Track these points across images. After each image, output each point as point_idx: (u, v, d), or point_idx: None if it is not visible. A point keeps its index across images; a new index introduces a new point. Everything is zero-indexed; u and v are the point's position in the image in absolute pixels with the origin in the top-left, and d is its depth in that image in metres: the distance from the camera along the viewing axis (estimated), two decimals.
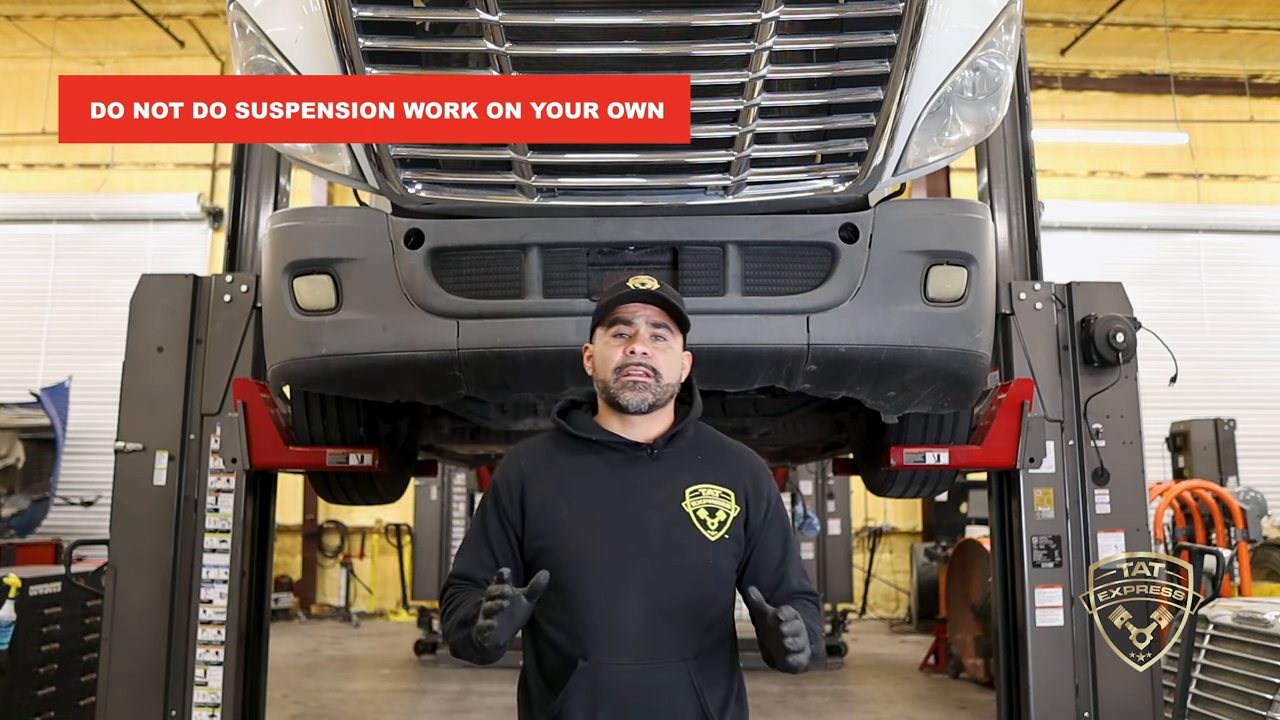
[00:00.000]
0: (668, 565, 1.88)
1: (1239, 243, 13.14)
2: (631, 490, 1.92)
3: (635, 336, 1.94)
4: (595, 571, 1.86)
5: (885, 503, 12.53)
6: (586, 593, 1.86)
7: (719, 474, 1.98)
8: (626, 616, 1.84)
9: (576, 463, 1.97)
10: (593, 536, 1.89)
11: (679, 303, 1.99)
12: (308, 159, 2.72)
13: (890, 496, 4.22)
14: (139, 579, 3.42)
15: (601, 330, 1.99)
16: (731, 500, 1.95)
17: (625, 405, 1.93)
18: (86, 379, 11.30)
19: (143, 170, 13.04)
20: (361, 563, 12.96)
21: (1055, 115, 12.62)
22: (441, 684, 8.04)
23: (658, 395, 1.94)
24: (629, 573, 1.86)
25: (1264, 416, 11.98)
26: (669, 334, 1.97)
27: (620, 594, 1.85)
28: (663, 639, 1.85)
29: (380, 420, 3.61)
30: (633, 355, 1.92)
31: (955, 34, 2.57)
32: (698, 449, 2.02)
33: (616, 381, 1.93)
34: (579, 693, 1.82)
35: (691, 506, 1.91)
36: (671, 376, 1.97)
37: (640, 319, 1.95)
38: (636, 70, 2.42)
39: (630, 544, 1.88)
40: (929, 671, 8.63)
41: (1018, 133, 3.95)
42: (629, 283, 1.96)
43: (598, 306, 2.01)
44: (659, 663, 1.84)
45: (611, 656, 1.83)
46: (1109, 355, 3.56)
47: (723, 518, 1.92)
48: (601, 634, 1.84)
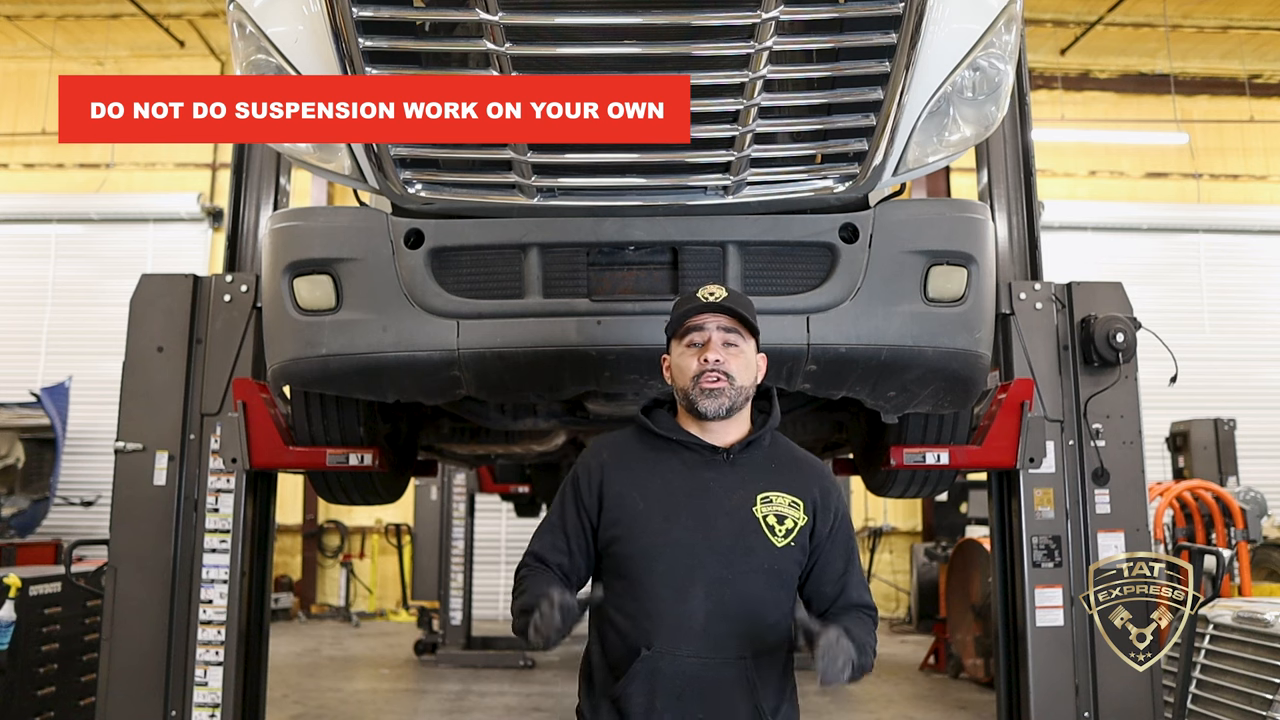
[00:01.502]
0: (734, 566, 1.95)
1: (1239, 243, 13.15)
2: (705, 491, 2.00)
3: (708, 345, 2.01)
4: (665, 565, 1.94)
5: (885, 503, 12.53)
6: (655, 585, 1.94)
7: (790, 483, 2.05)
8: (691, 611, 1.92)
9: (655, 460, 2.05)
10: (665, 531, 1.96)
11: (748, 310, 2.06)
12: (308, 159, 2.72)
13: (890, 496, 4.22)
14: (139, 579, 3.43)
15: (676, 342, 2.07)
16: (800, 510, 2.02)
17: (704, 412, 2.00)
18: (86, 379, 11.31)
19: (143, 170, 13.05)
20: (361, 563, 12.97)
21: (1055, 115, 12.62)
22: (441, 684, 8.04)
23: (734, 399, 2.01)
24: (696, 569, 1.94)
25: (1264, 416, 11.99)
26: (740, 339, 2.04)
27: (687, 589, 1.93)
28: (724, 636, 1.93)
29: (380, 420, 3.61)
30: (707, 363, 1.99)
31: (955, 34, 2.57)
32: (772, 458, 2.09)
33: (695, 389, 2.00)
34: (640, 679, 1.91)
35: (761, 512, 1.99)
36: (745, 379, 2.04)
37: (711, 326, 2.02)
38: (636, 70, 2.42)
39: (700, 542, 1.95)
40: (929, 671, 8.63)
41: (1018, 133, 3.95)
42: (698, 293, 2.05)
43: (670, 319, 2.09)
44: (719, 659, 1.92)
45: (674, 648, 1.91)
46: (1109, 355, 3.56)
47: (790, 526, 2.00)
48: (666, 625, 1.92)
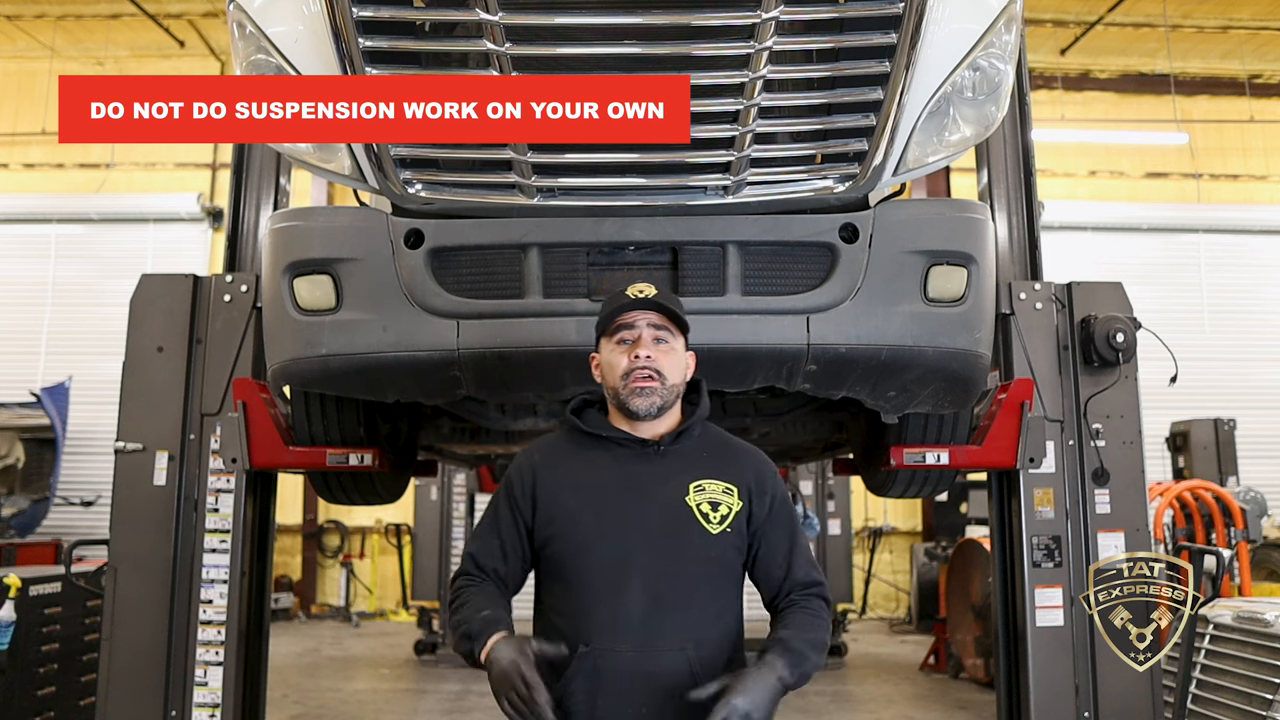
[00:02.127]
0: (669, 557, 1.94)
1: (1239, 243, 13.14)
2: (637, 485, 1.99)
3: (638, 342, 2.00)
4: (599, 561, 1.94)
5: (885, 503, 12.52)
6: (590, 582, 1.93)
7: (723, 470, 2.04)
8: (628, 605, 1.92)
9: (587, 458, 2.05)
10: (598, 528, 1.96)
11: (677, 307, 2.06)
12: (308, 159, 2.72)
13: (890, 496, 4.22)
14: (139, 579, 3.42)
15: (605, 339, 2.06)
16: (734, 495, 2.01)
17: (635, 411, 2.00)
18: (86, 379, 11.30)
19: (143, 170, 13.04)
20: (361, 563, 12.96)
21: (1055, 115, 12.62)
22: (441, 684, 8.04)
23: (664, 398, 2.01)
24: (631, 563, 1.93)
25: (1264, 416, 11.99)
26: (670, 336, 2.04)
27: (623, 583, 1.92)
28: (663, 627, 1.92)
29: (380, 420, 3.61)
30: (637, 360, 1.98)
31: (955, 34, 2.57)
32: (704, 446, 2.09)
33: (625, 388, 2.00)
34: (581, 678, 1.90)
35: (694, 501, 1.98)
36: (676, 377, 2.04)
37: (641, 324, 2.01)
38: (636, 70, 2.42)
39: (634, 536, 1.95)
40: (929, 671, 8.63)
41: (1018, 133, 3.95)
42: (628, 291, 2.03)
43: (600, 317, 2.07)
44: (659, 650, 1.91)
45: (613, 644, 1.90)
46: (1109, 355, 3.56)
47: (725, 512, 1.99)
48: (604, 622, 1.91)
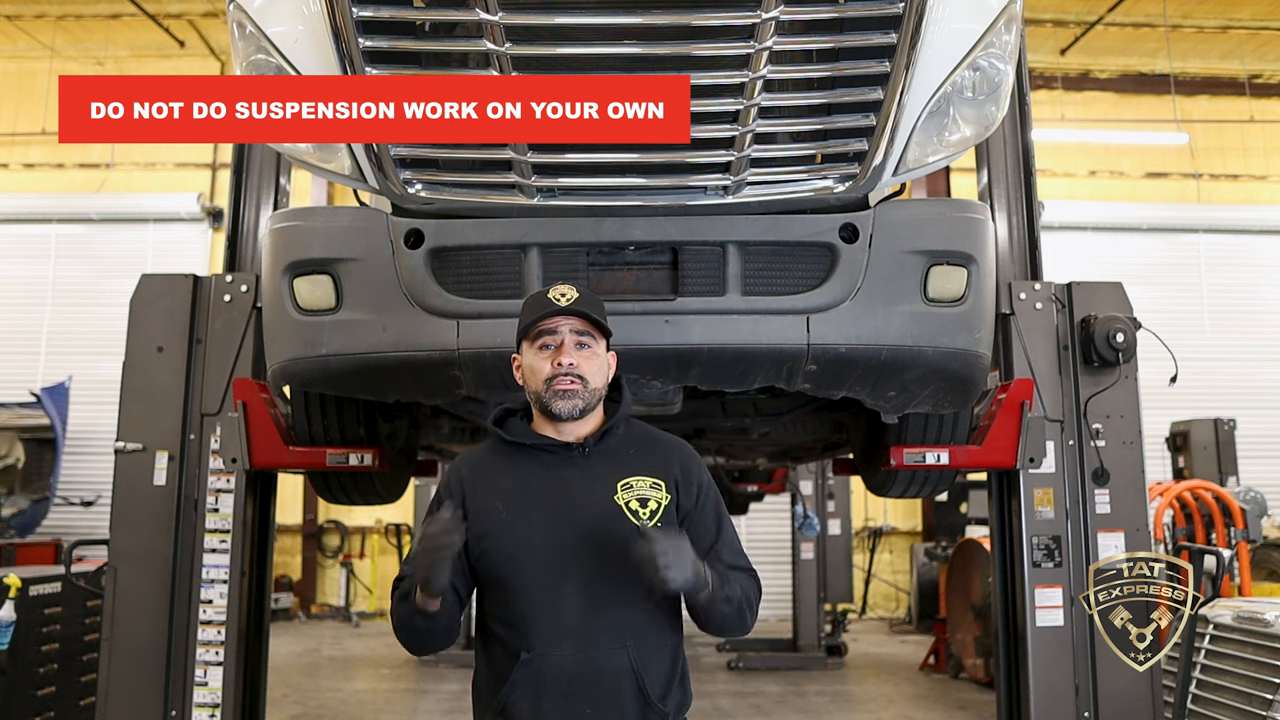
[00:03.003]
0: (602, 557, 1.95)
1: (1239, 243, 13.15)
2: (566, 489, 2.00)
3: (560, 348, 2.00)
4: (533, 568, 1.95)
5: (885, 503, 12.53)
6: (526, 588, 1.95)
7: (649, 466, 2.05)
8: (565, 609, 1.93)
9: (513, 467, 2.05)
10: (529, 535, 1.97)
11: (599, 313, 2.05)
12: (308, 159, 2.72)
13: (890, 496, 4.22)
14: (139, 579, 3.43)
15: (528, 344, 2.05)
16: (662, 489, 2.03)
17: (558, 414, 2.00)
18: (86, 379, 11.31)
19: (143, 170, 13.05)
20: (361, 563, 12.97)
21: (1055, 115, 12.62)
22: (441, 684, 8.04)
23: (587, 401, 2.01)
24: (566, 567, 1.94)
25: (1264, 416, 12.00)
26: (592, 340, 2.03)
27: (558, 588, 1.94)
28: (601, 627, 1.93)
29: (380, 420, 3.61)
30: (560, 366, 1.99)
31: (955, 34, 2.57)
32: (629, 444, 2.10)
33: (548, 392, 2.00)
34: (523, 684, 1.91)
35: (623, 499, 1.99)
36: (598, 381, 2.04)
37: (564, 329, 2.01)
38: (636, 70, 2.42)
39: (566, 539, 1.96)
40: (929, 671, 8.63)
41: (1018, 133, 3.95)
42: (549, 294, 2.03)
43: (521, 322, 2.06)
44: (599, 651, 1.92)
45: (553, 648, 1.92)
46: (1109, 355, 3.56)
47: (654, 506, 2.00)
48: (542, 627, 1.93)
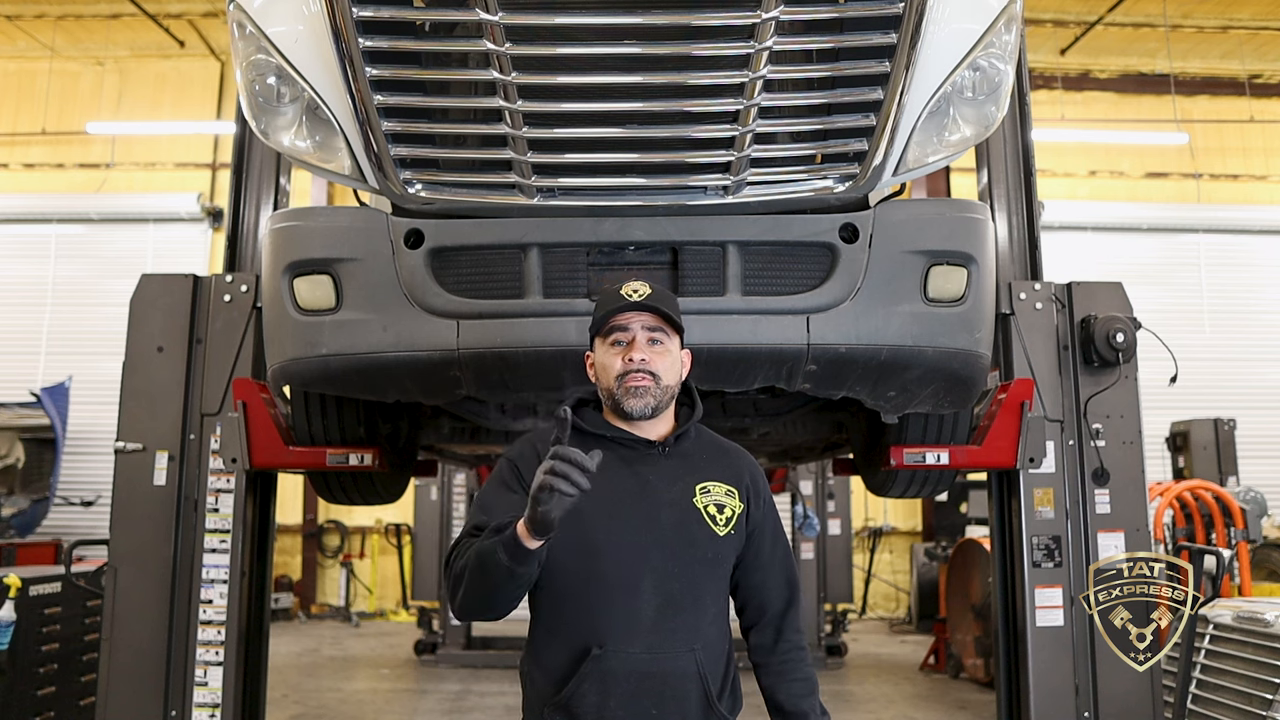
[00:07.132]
0: (679, 558, 1.94)
1: (1239, 243, 13.14)
2: (646, 486, 1.98)
3: (633, 344, 1.98)
4: (611, 563, 1.92)
5: (885, 503, 12.53)
6: (602, 583, 1.91)
7: (723, 472, 2.05)
8: (640, 606, 1.91)
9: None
10: (610, 528, 1.93)
11: (672, 308, 2.03)
12: (308, 159, 2.71)
13: (890, 496, 4.22)
14: (139, 579, 3.43)
15: (600, 340, 2.03)
16: (736, 498, 2.03)
17: (630, 412, 1.98)
18: (86, 379, 11.30)
19: (143, 170, 13.03)
20: (361, 563, 12.96)
21: (1055, 115, 12.62)
22: (441, 684, 8.04)
23: (659, 399, 1.99)
24: (643, 564, 1.92)
25: (1264, 416, 11.99)
26: (665, 337, 2.01)
27: (635, 585, 1.91)
28: (673, 628, 1.92)
29: (380, 420, 3.61)
30: (632, 362, 1.97)
31: (955, 34, 2.57)
32: (701, 448, 2.09)
33: (620, 389, 1.98)
34: (591, 680, 1.88)
35: (702, 503, 1.99)
36: (671, 379, 2.02)
37: (636, 325, 1.99)
38: (636, 70, 2.42)
39: (645, 537, 1.93)
40: (929, 671, 8.63)
41: (1018, 133, 3.96)
42: (622, 290, 2.01)
43: (594, 318, 2.05)
44: (669, 651, 1.91)
45: (625, 645, 1.89)
46: (1109, 355, 3.56)
47: (730, 514, 2.00)
48: (616, 623, 1.90)
